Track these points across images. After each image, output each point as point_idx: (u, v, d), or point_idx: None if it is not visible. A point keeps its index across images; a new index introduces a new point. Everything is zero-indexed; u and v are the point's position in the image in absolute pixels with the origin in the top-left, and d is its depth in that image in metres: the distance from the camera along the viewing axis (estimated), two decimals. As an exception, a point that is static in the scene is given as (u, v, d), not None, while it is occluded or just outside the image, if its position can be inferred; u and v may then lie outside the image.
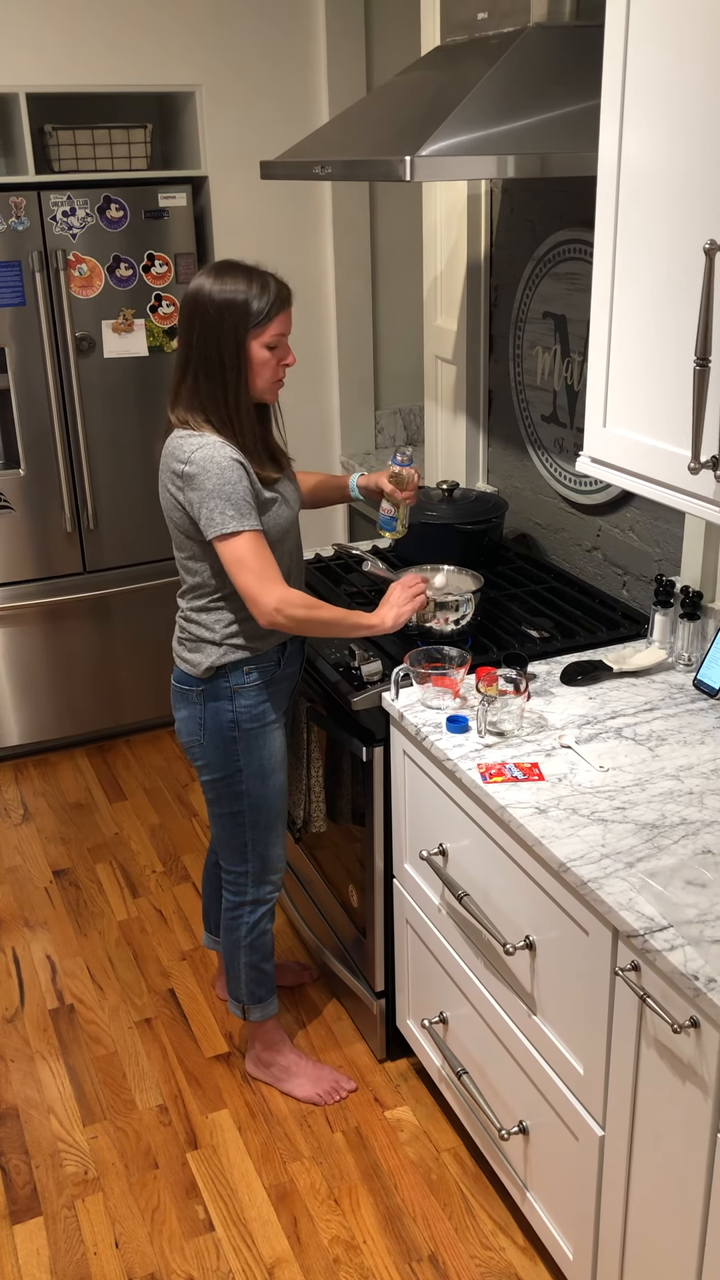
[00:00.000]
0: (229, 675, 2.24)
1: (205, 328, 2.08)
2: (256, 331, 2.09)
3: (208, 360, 2.10)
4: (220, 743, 2.28)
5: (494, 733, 2.08)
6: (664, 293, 1.73)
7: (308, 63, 3.75)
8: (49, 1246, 2.23)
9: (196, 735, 2.30)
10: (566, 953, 1.80)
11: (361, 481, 2.55)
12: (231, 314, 2.07)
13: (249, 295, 2.07)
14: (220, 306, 2.07)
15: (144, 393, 3.74)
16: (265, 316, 2.08)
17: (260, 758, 2.30)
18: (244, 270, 2.10)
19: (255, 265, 2.12)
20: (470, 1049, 2.22)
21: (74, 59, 3.46)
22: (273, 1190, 2.33)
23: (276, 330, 2.11)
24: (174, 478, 2.12)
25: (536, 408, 2.88)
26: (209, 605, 2.22)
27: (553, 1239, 2.03)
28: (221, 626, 2.21)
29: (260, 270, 2.11)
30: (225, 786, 2.32)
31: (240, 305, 2.06)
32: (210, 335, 2.08)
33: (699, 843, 1.75)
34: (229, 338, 2.08)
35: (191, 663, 2.26)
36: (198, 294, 2.09)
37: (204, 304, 2.08)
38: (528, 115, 2.08)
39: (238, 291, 2.07)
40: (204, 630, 2.23)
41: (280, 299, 2.10)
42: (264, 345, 2.10)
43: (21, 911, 3.21)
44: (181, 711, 2.32)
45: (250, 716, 2.26)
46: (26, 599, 3.79)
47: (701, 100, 1.58)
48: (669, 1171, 1.64)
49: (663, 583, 2.35)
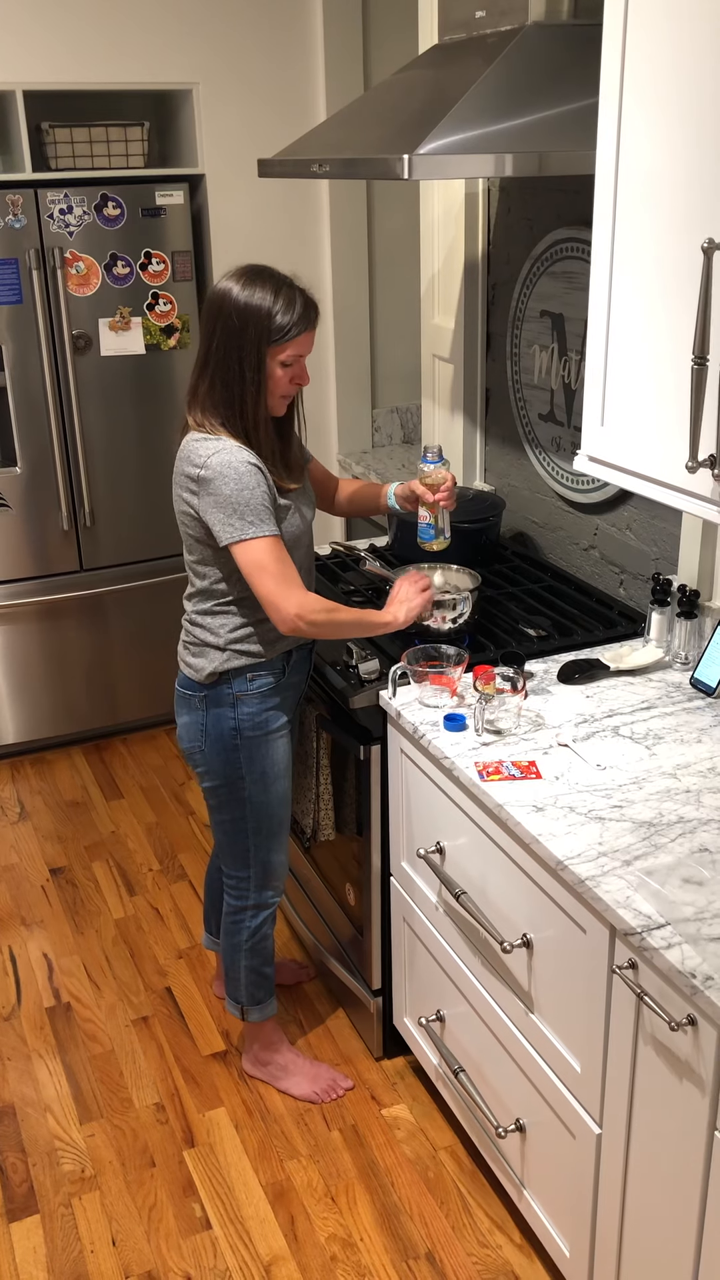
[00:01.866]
0: (232, 682, 2.21)
1: (226, 334, 2.04)
2: (276, 348, 2.04)
3: (226, 368, 2.06)
4: (222, 750, 2.25)
5: (491, 731, 2.08)
6: (662, 291, 1.73)
7: (305, 61, 3.75)
8: (46, 1245, 2.23)
9: (198, 742, 2.27)
10: (564, 951, 1.80)
11: (398, 491, 2.44)
12: (254, 325, 2.02)
13: (274, 308, 2.02)
14: (244, 315, 2.02)
15: (141, 391, 3.74)
16: (286, 334, 2.04)
17: (263, 766, 2.27)
18: (274, 281, 2.05)
19: (288, 277, 2.07)
20: (467, 1047, 2.22)
21: (71, 57, 3.46)
22: (270, 1188, 2.33)
23: (295, 350, 2.06)
24: (188, 482, 2.09)
25: (534, 406, 2.88)
26: (215, 609, 2.19)
27: (549, 1237, 2.03)
28: (226, 631, 2.19)
29: (291, 283, 2.06)
30: (227, 794, 2.30)
31: (263, 317, 2.02)
32: (231, 343, 2.04)
33: (696, 841, 1.75)
34: (250, 349, 2.03)
35: (194, 667, 2.23)
36: (224, 297, 2.04)
37: (228, 309, 2.03)
38: (525, 114, 2.08)
39: (263, 302, 2.02)
40: (209, 634, 2.21)
41: (305, 318, 2.05)
42: (280, 363, 2.06)
43: (18, 910, 3.21)
44: (184, 717, 2.29)
45: (253, 724, 2.24)
46: (23, 597, 3.78)
47: (700, 99, 1.58)
48: (666, 1169, 1.64)
49: (660, 581, 2.36)
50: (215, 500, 2.04)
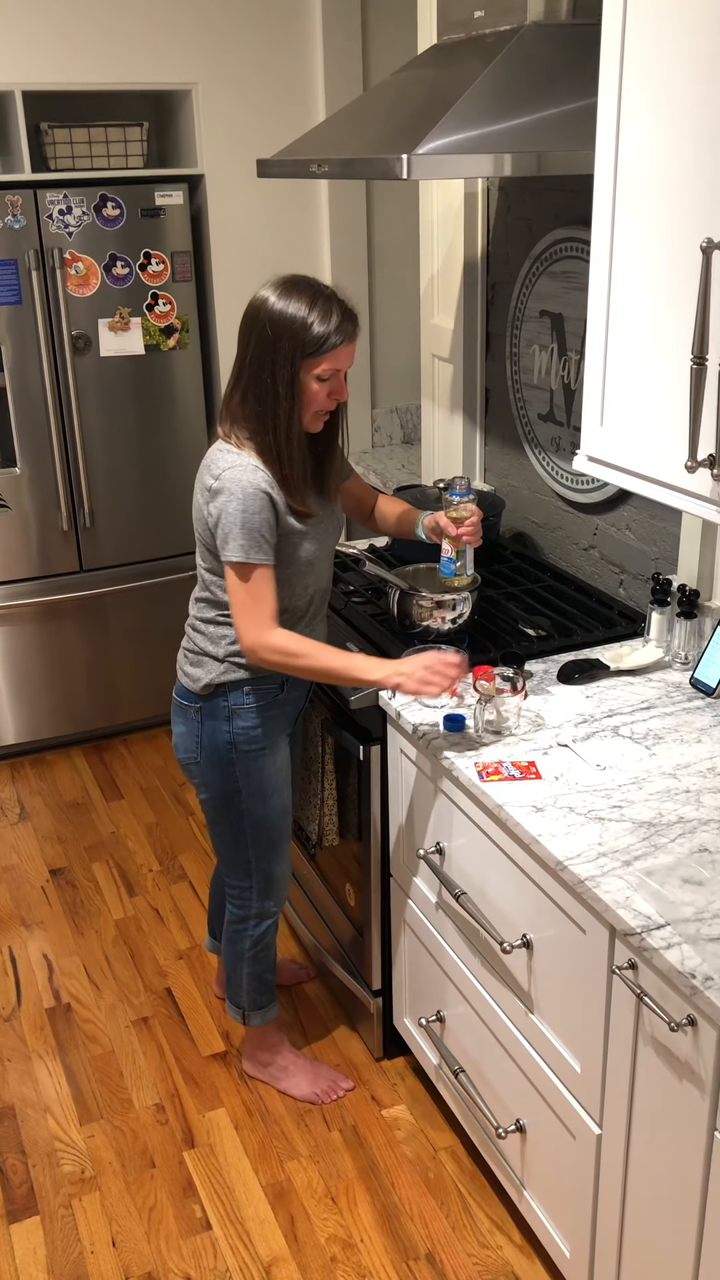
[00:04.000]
0: (227, 695, 2.18)
1: (260, 346, 1.97)
2: (311, 361, 1.97)
3: (259, 381, 1.99)
4: (217, 763, 2.23)
5: (491, 731, 2.08)
6: (661, 291, 1.73)
7: (304, 61, 3.75)
8: (46, 1246, 2.23)
9: (193, 753, 2.25)
10: (564, 951, 1.80)
11: (427, 522, 2.33)
12: (288, 337, 1.95)
13: (309, 319, 1.94)
14: (277, 326, 1.95)
15: (140, 391, 3.74)
16: (321, 347, 1.96)
17: (259, 779, 2.24)
18: (311, 290, 1.97)
19: (329, 287, 2.00)
20: (467, 1047, 2.22)
21: (70, 57, 3.46)
22: (270, 1189, 2.33)
23: (331, 364, 1.98)
24: (204, 491, 2.06)
25: (533, 406, 2.87)
26: (218, 618, 2.17)
27: (550, 1237, 2.03)
28: (226, 644, 2.16)
29: (331, 294, 1.99)
30: (224, 807, 2.27)
31: (298, 329, 1.94)
32: (264, 356, 1.97)
33: (696, 841, 1.75)
34: (284, 363, 1.96)
35: (192, 677, 2.21)
36: (259, 308, 1.97)
37: (262, 319, 1.96)
38: (524, 113, 2.08)
39: (299, 313, 1.94)
40: (208, 643, 2.18)
41: (341, 330, 1.97)
42: (316, 377, 1.99)
43: (18, 910, 3.21)
44: (179, 727, 2.27)
45: (248, 739, 2.21)
46: (23, 598, 3.78)
47: (699, 98, 1.58)
48: (666, 1169, 1.64)
49: (660, 581, 2.35)
50: (221, 514, 2.01)
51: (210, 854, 3.42)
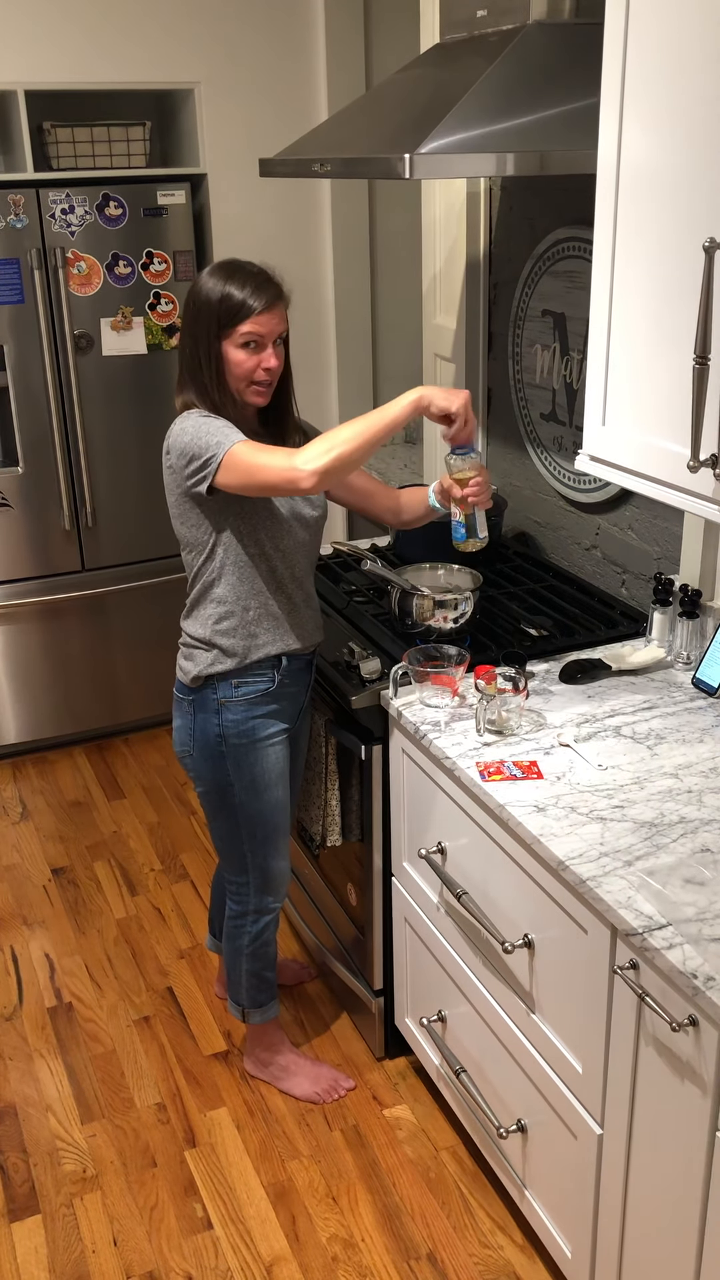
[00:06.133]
0: (216, 687, 2.19)
1: (190, 324, 2.07)
2: (227, 331, 2.04)
3: (189, 357, 2.08)
4: (209, 756, 2.24)
5: (493, 731, 2.08)
6: (663, 290, 1.72)
7: (307, 60, 3.75)
8: (47, 1245, 2.23)
9: (188, 745, 2.27)
10: (565, 951, 1.80)
11: (435, 488, 2.30)
12: (207, 312, 2.04)
13: (226, 291, 2.02)
14: (200, 304, 2.05)
15: (143, 391, 3.74)
16: (236, 316, 2.03)
17: (252, 774, 2.25)
18: (235, 267, 2.06)
19: (256, 265, 2.08)
20: (469, 1047, 2.22)
21: (73, 56, 3.46)
22: (271, 1188, 2.33)
23: (251, 328, 2.03)
24: (165, 458, 2.10)
25: (535, 406, 2.87)
26: (199, 595, 2.18)
27: (551, 1237, 2.03)
28: (212, 623, 2.17)
29: (252, 269, 2.06)
30: (218, 800, 2.28)
31: (215, 304, 2.03)
32: (193, 330, 2.07)
33: (698, 841, 1.75)
34: (204, 337, 2.05)
35: (183, 670, 2.23)
36: (192, 290, 2.08)
37: (191, 299, 2.07)
38: (527, 113, 2.08)
39: (215, 288, 2.03)
40: (196, 626, 2.19)
41: (257, 296, 2.02)
42: (238, 345, 2.04)
43: (20, 910, 3.21)
44: (176, 720, 2.29)
45: (238, 731, 2.21)
46: (25, 597, 3.78)
47: (701, 98, 1.58)
48: (667, 1170, 1.64)
49: (662, 581, 2.35)
50: (184, 455, 2.02)
51: (211, 853, 3.43)
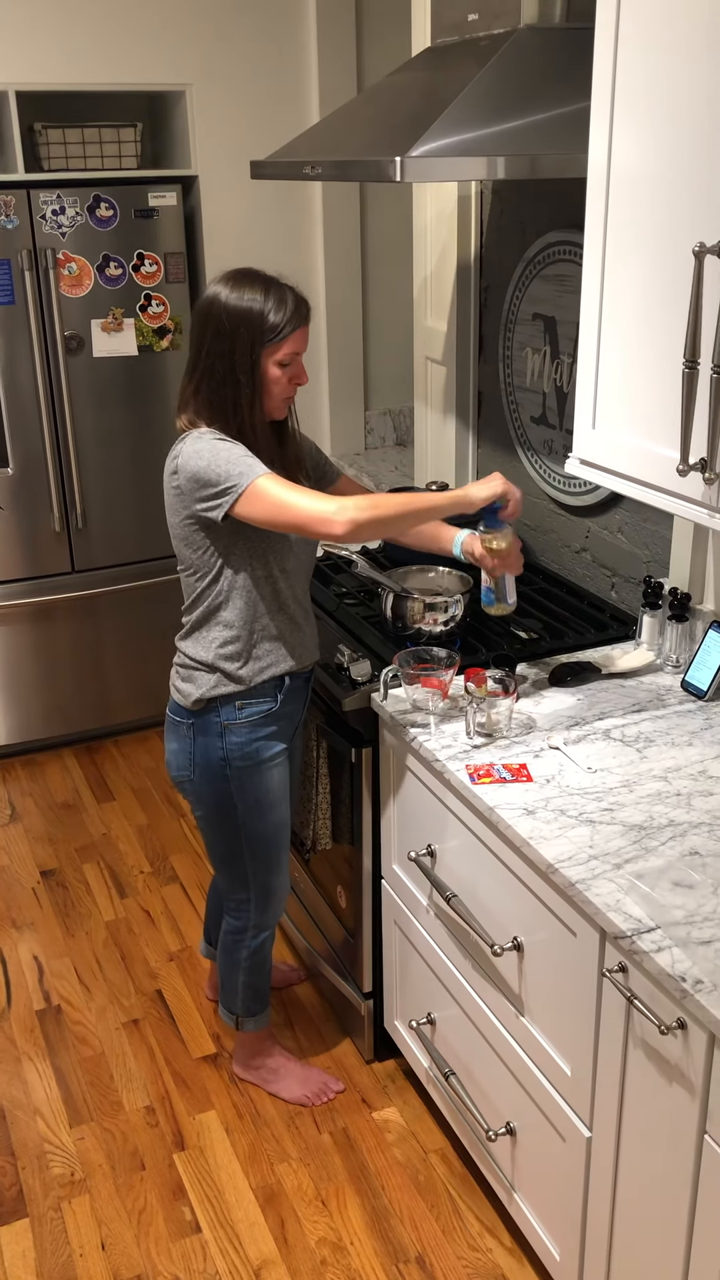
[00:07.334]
0: (220, 710, 2.15)
1: (218, 339, 1.99)
2: (271, 348, 2.00)
3: (215, 373, 2.00)
4: (211, 780, 2.19)
5: (482, 734, 2.08)
6: (653, 295, 1.73)
7: (298, 63, 3.75)
8: (35, 1249, 2.22)
9: (187, 771, 2.21)
10: (554, 954, 1.80)
11: (466, 545, 2.26)
12: (247, 327, 1.97)
13: (265, 308, 1.97)
14: (235, 318, 1.97)
15: (133, 392, 3.74)
16: (281, 332, 1.99)
17: (256, 795, 2.21)
18: (263, 281, 2.01)
19: (275, 276, 2.03)
20: (458, 1050, 2.22)
21: (64, 57, 3.45)
22: (260, 1191, 2.33)
23: (291, 348, 2.01)
24: (170, 478, 2.04)
25: (526, 409, 2.88)
26: (201, 618, 2.12)
27: (540, 1240, 2.03)
28: (216, 646, 2.12)
29: (280, 282, 2.02)
30: (220, 823, 2.24)
31: (256, 318, 1.97)
32: (221, 347, 1.99)
33: (686, 844, 1.75)
34: (244, 352, 1.98)
35: (183, 693, 2.17)
36: (213, 302, 1.99)
37: (218, 313, 1.98)
38: (518, 117, 2.08)
39: (254, 303, 1.97)
40: (198, 649, 2.13)
41: (298, 314, 2.00)
42: (277, 363, 2.01)
43: (9, 912, 3.20)
44: (172, 744, 2.23)
45: (242, 754, 2.17)
46: (14, 598, 3.77)
47: (691, 103, 1.58)
48: (656, 1173, 1.64)
49: (651, 584, 2.36)
50: (197, 480, 1.97)
51: (202, 855, 3.42)
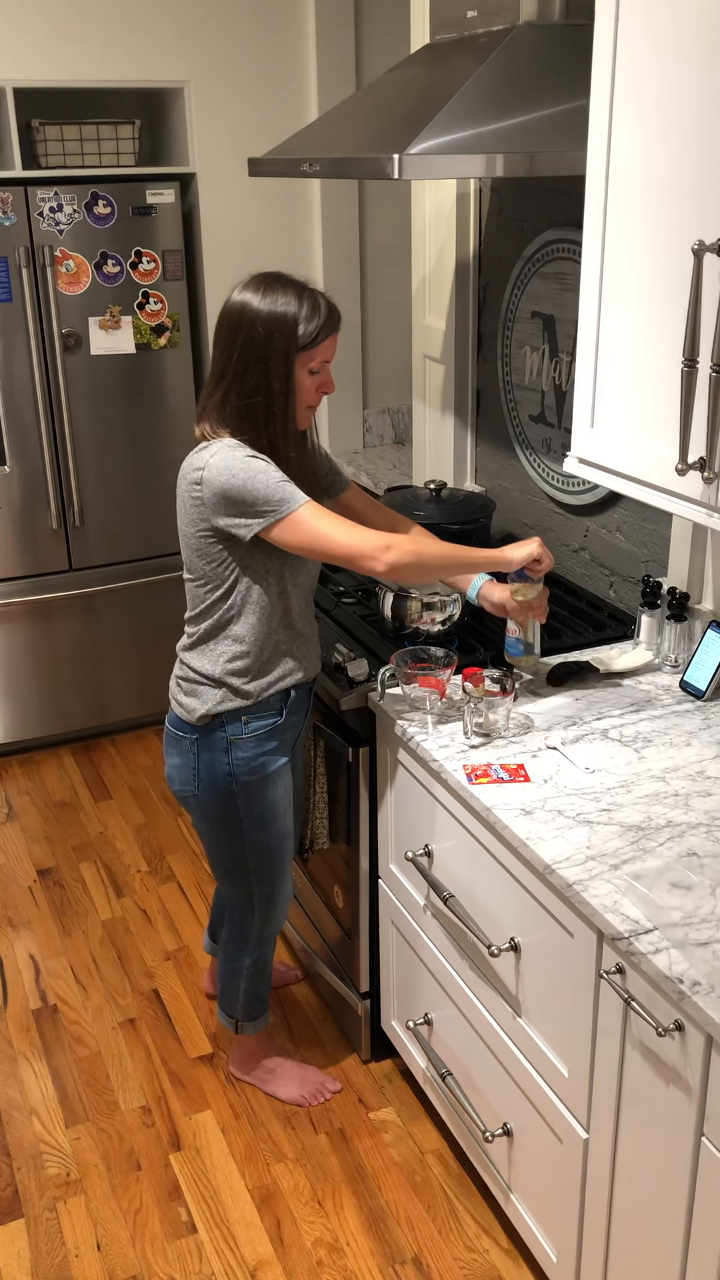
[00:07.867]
0: (225, 725, 2.11)
1: (250, 345, 1.95)
2: (304, 355, 1.96)
3: (247, 380, 1.96)
4: (217, 795, 2.16)
5: (480, 734, 2.08)
6: (652, 293, 1.72)
7: (297, 60, 3.74)
8: (30, 1249, 2.22)
9: (190, 786, 2.17)
10: (551, 955, 1.79)
11: (484, 592, 2.23)
12: (280, 333, 1.94)
13: (299, 314, 1.94)
14: (270, 324, 1.93)
15: (131, 390, 3.73)
16: (314, 339, 1.96)
17: (261, 808, 2.18)
18: (294, 286, 1.97)
19: (304, 282, 2.00)
20: (455, 1051, 2.22)
21: (62, 54, 3.44)
22: (256, 1192, 2.32)
23: (323, 356, 1.99)
24: (192, 487, 1.98)
25: (524, 407, 2.87)
26: (210, 631, 2.08)
27: (536, 1241, 2.02)
28: (224, 660, 2.08)
29: (310, 288, 1.99)
30: (225, 837, 2.21)
31: (290, 324, 1.94)
32: (255, 353, 1.95)
33: (684, 845, 1.75)
34: (278, 359, 1.95)
35: (186, 708, 2.12)
36: (244, 308, 1.95)
37: (251, 320, 1.94)
38: (517, 114, 2.08)
39: (288, 308, 1.94)
40: (205, 663, 2.09)
41: (331, 321, 1.98)
42: (308, 370, 1.98)
43: (5, 911, 3.19)
44: (174, 759, 2.19)
45: (248, 769, 2.14)
46: (11, 596, 3.77)
47: (691, 100, 1.58)
48: (653, 1174, 1.64)
49: (650, 584, 2.35)
50: (227, 497, 1.93)
51: (199, 855, 3.41)
